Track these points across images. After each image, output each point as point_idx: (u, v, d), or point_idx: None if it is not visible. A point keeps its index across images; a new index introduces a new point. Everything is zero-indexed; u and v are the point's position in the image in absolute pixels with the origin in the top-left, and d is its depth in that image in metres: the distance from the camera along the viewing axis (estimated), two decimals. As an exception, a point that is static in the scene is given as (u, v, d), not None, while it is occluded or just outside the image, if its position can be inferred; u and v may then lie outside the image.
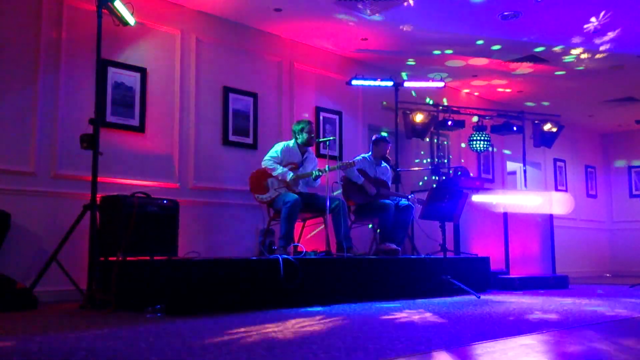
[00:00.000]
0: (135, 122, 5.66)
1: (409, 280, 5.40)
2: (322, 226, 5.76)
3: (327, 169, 5.45)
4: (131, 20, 5.02)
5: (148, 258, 4.62)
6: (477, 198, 6.91)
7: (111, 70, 5.52)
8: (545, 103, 9.73)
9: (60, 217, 4.92)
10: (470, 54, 7.54)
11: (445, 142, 8.92)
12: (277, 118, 6.86)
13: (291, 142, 5.77)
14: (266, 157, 5.65)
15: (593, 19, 6.43)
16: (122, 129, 5.56)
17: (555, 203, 7.75)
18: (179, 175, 5.95)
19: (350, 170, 5.96)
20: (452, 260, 5.82)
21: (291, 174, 5.53)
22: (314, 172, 5.56)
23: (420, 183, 8.34)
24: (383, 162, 6.45)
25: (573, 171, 11.48)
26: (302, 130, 5.70)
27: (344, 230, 5.45)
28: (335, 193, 6.36)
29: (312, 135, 5.72)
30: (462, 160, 9.08)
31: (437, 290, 5.37)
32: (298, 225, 5.73)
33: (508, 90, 9.21)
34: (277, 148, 5.70)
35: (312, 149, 5.97)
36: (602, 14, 6.29)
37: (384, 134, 6.48)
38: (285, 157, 5.65)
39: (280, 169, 5.53)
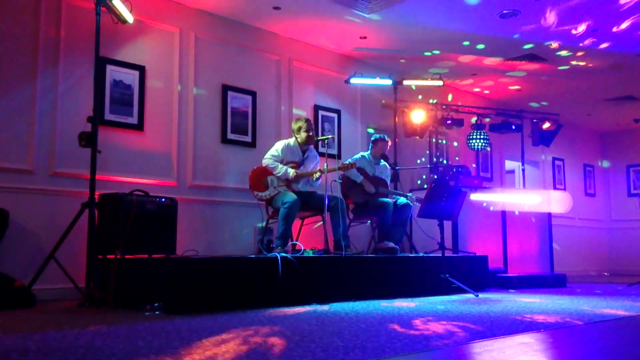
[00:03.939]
0: (134, 120, 5.66)
1: (407, 278, 5.41)
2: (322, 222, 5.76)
3: (325, 167, 5.45)
4: (130, 18, 5.02)
5: (146, 256, 4.62)
6: (475, 197, 6.92)
7: (110, 68, 5.51)
8: (544, 102, 9.73)
9: (58, 215, 4.92)
10: (469, 52, 7.54)
11: (444, 141, 8.92)
12: (276, 116, 6.86)
13: (292, 141, 5.76)
14: (267, 156, 5.65)
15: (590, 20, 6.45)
16: (120, 127, 5.56)
17: (553, 202, 7.76)
18: (177, 173, 5.94)
19: (349, 170, 5.96)
20: (451, 259, 5.82)
21: (293, 171, 5.53)
22: (315, 174, 5.56)
23: (419, 182, 8.34)
24: (382, 160, 6.45)
25: (571, 170, 11.49)
26: (300, 129, 5.70)
27: (342, 228, 5.45)
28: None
29: (311, 133, 5.70)
30: (457, 158, 9.07)
31: (435, 289, 5.38)
32: (296, 224, 5.73)
33: (507, 88, 9.21)
34: (278, 147, 5.69)
35: (313, 147, 5.95)
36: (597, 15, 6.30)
37: (376, 135, 6.49)
38: (286, 155, 5.64)
39: (281, 168, 5.52)
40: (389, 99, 7.67)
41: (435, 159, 8.44)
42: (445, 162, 8.68)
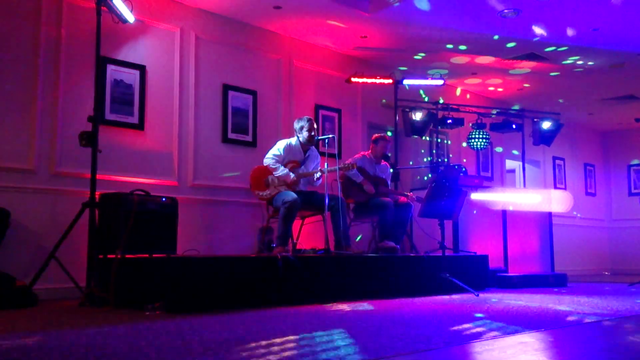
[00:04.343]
0: (135, 119, 5.66)
1: (407, 278, 5.41)
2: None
3: (326, 167, 5.45)
4: (130, 17, 5.02)
5: (147, 256, 4.61)
6: (476, 196, 6.91)
7: (110, 68, 5.52)
8: (545, 101, 9.72)
9: (59, 215, 4.92)
10: (469, 51, 7.54)
11: (445, 141, 8.92)
12: (276, 116, 6.86)
13: (293, 140, 5.76)
14: (268, 155, 5.65)
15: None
16: (121, 127, 5.56)
17: (554, 201, 7.75)
18: (178, 172, 5.95)
19: (349, 170, 5.96)
20: (451, 258, 5.82)
21: (292, 175, 5.52)
22: (315, 174, 5.56)
23: (425, 178, 8.34)
24: (382, 160, 6.46)
25: (572, 169, 11.49)
26: (302, 128, 5.70)
27: (342, 228, 5.45)
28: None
29: (313, 133, 5.70)
30: (465, 160, 9.08)
31: (435, 288, 5.38)
32: (297, 223, 5.73)
33: (508, 88, 9.21)
34: (280, 146, 5.69)
35: (314, 147, 5.95)
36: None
37: (389, 133, 6.49)
38: (287, 155, 5.65)
39: (281, 169, 5.52)
40: (389, 98, 7.66)
41: (436, 159, 8.44)
42: (446, 161, 8.68)
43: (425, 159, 8.55)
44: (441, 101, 8.33)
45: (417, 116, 7.86)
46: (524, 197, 7.32)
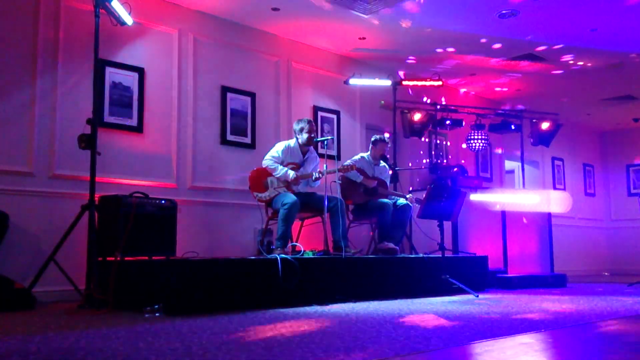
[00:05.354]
0: (133, 122, 5.66)
1: (407, 279, 5.40)
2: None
3: (325, 168, 5.45)
4: (128, 20, 5.02)
5: (146, 258, 4.62)
6: (475, 197, 6.91)
7: (109, 70, 5.52)
8: (544, 102, 9.72)
9: (58, 217, 4.92)
10: (468, 52, 7.55)
11: (444, 142, 8.92)
12: (275, 117, 6.86)
13: (292, 142, 5.76)
14: (267, 157, 5.64)
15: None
16: (120, 129, 5.56)
17: (553, 202, 7.76)
18: (177, 175, 5.94)
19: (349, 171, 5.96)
20: (451, 260, 5.82)
21: (293, 173, 5.52)
22: (314, 174, 5.55)
23: (424, 179, 8.34)
24: (381, 161, 6.46)
25: (571, 170, 11.49)
26: (301, 130, 5.70)
27: (341, 229, 5.45)
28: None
29: (312, 135, 5.70)
30: (463, 161, 9.08)
31: (435, 290, 5.38)
32: (296, 225, 5.73)
33: (506, 89, 9.22)
34: (279, 148, 5.69)
35: (313, 148, 5.95)
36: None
37: (376, 136, 6.49)
38: (286, 156, 5.65)
39: (281, 169, 5.52)
40: (388, 99, 7.67)
41: (435, 160, 8.44)
42: (445, 162, 8.67)
43: (424, 160, 8.55)
44: (440, 102, 8.32)
45: (416, 117, 7.87)
46: (523, 198, 7.33)
